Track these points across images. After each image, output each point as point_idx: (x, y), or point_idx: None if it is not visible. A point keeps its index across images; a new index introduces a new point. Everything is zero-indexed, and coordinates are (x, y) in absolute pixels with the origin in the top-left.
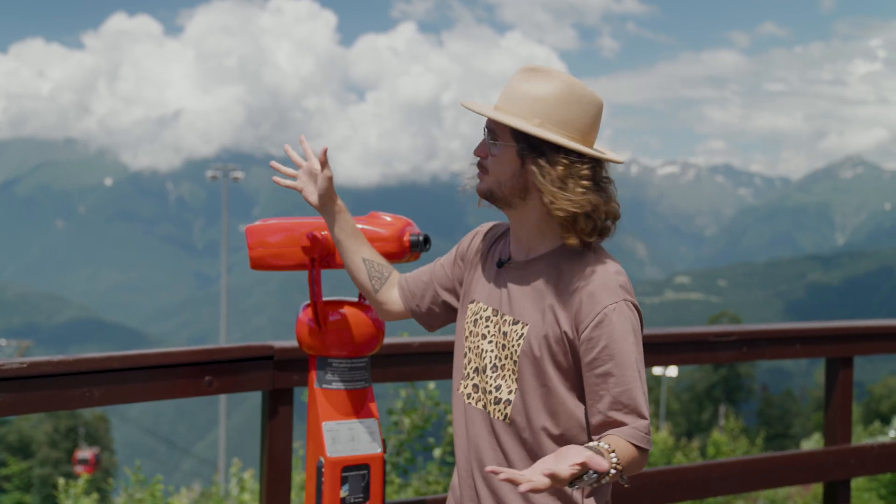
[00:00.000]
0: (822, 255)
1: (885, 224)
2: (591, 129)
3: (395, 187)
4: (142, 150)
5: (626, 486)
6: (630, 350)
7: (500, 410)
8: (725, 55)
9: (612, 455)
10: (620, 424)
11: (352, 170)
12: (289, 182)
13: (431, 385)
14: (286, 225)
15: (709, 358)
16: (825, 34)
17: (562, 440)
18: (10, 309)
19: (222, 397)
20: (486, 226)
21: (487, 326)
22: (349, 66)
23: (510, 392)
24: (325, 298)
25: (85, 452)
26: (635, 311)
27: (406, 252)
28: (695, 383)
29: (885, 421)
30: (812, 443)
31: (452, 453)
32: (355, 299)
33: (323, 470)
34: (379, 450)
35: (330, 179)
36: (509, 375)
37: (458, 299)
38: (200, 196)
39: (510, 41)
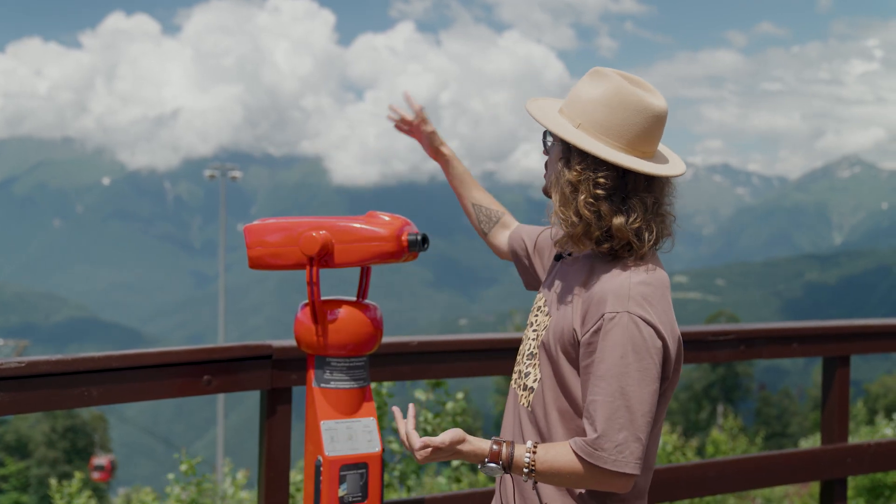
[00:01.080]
0: (819, 254)
1: (883, 223)
2: (640, 137)
3: (393, 186)
4: (139, 149)
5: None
6: (613, 363)
7: (525, 397)
8: (723, 55)
9: (528, 454)
10: (585, 433)
11: (350, 169)
12: (405, 130)
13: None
14: (285, 224)
15: (707, 357)
16: (822, 34)
17: (572, 435)
18: (7, 308)
19: (220, 396)
20: None
21: (537, 316)
22: (347, 65)
23: (535, 381)
24: (323, 298)
25: (101, 459)
26: (640, 325)
27: (404, 251)
28: (692, 382)
29: (871, 422)
30: (809, 442)
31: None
32: (353, 298)
33: (321, 469)
34: (377, 449)
35: (434, 133)
36: (537, 364)
37: (531, 263)
38: (198, 195)
39: (508, 40)
